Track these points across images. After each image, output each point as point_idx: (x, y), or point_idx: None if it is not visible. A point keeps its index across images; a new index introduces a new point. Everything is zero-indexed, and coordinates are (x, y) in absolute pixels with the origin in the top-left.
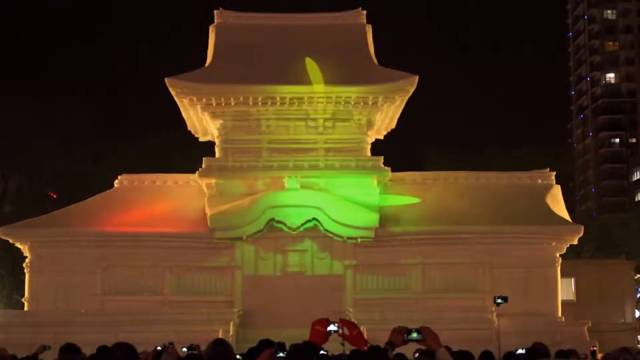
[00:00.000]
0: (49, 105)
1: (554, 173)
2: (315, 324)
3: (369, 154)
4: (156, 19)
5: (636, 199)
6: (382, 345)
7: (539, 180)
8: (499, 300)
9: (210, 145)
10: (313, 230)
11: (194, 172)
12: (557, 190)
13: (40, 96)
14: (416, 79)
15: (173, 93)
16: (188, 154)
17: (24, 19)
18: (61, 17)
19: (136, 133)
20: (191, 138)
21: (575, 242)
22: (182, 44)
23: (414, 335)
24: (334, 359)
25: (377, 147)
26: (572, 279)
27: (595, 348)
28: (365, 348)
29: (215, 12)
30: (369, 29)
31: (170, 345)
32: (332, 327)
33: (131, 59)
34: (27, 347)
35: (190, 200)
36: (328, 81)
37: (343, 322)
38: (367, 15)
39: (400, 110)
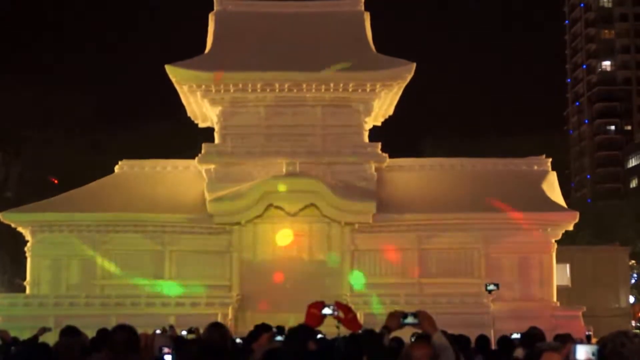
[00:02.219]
0: (49, 92)
1: (550, 160)
2: (311, 307)
3: (366, 140)
4: (156, 5)
5: (631, 186)
6: (378, 330)
7: (535, 167)
8: (491, 287)
9: (209, 131)
10: (311, 216)
11: (194, 158)
12: (553, 177)
13: (40, 83)
14: (413, 66)
15: (173, 80)
16: (188, 140)
17: (23, 3)
18: (60, 3)
19: (136, 119)
20: (191, 124)
21: (571, 228)
22: (182, 30)
23: (410, 319)
24: (330, 342)
25: (375, 134)
26: (567, 265)
27: (590, 333)
28: (360, 332)
29: None
30: (367, 16)
31: (170, 329)
32: (327, 310)
33: (131, 45)
34: (28, 330)
35: (190, 186)
36: (326, 68)
37: (338, 306)
38: (365, 3)
39: (397, 97)
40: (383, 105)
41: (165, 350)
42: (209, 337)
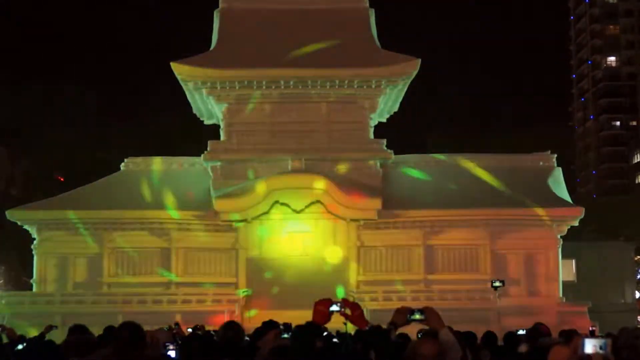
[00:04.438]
0: (55, 89)
1: (555, 155)
2: (318, 305)
3: (371, 136)
4: (162, 2)
5: (636, 182)
6: (385, 326)
7: (541, 163)
8: (497, 284)
9: (215, 128)
10: (317, 212)
11: (200, 155)
12: (558, 173)
13: (47, 80)
14: (418, 62)
15: (178, 77)
16: (193, 137)
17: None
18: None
19: (142, 116)
20: (197, 121)
21: (576, 223)
22: (187, 27)
23: (417, 315)
24: (337, 338)
25: (380, 130)
26: (573, 260)
27: (594, 328)
28: (367, 329)
29: None
30: (372, 13)
31: (176, 326)
32: (334, 308)
33: (138, 42)
34: (35, 327)
35: (196, 183)
36: (331, 65)
37: (345, 303)
38: None
39: (402, 94)
40: (388, 101)
41: (170, 347)
42: (224, 336)
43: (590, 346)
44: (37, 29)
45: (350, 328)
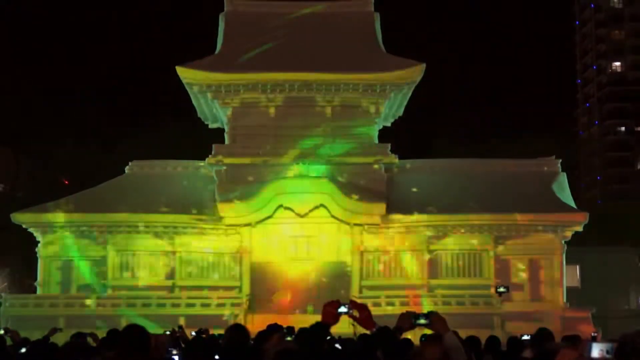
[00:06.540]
0: (60, 92)
1: (560, 160)
2: (327, 306)
3: (376, 141)
4: (168, 5)
5: None
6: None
7: (545, 168)
8: (501, 289)
9: (220, 131)
10: (321, 217)
11: (204, 159)
12: (563, 178)
13: (52, 82)
14: (423, 67)
15: (184, 81)
16: (198, 140)
17: (34, 3)
18: (73, 2)
19: (147, 119)
20: (201, 125)
21: (581, 229)
22: (192, 30)
23: (422, 320)
24: (343, 341)
25: (385, 135)
26: (577, 266)
27: (596, 334)
28: (374, 330)
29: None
30: (376, 17)
31: (180, 330)
32: (342, 309)
33: (143, 44)
34: (38, 330)
35: (200, 186)
36: (336, 69)
37: (353, 304)
38: (375, 3)
39: (407, 98)
40: (393, 106)
41: (174, 351)
42: (230, 339)
43: (597, 350)
44: (42, 29)
45: (359, 329)
